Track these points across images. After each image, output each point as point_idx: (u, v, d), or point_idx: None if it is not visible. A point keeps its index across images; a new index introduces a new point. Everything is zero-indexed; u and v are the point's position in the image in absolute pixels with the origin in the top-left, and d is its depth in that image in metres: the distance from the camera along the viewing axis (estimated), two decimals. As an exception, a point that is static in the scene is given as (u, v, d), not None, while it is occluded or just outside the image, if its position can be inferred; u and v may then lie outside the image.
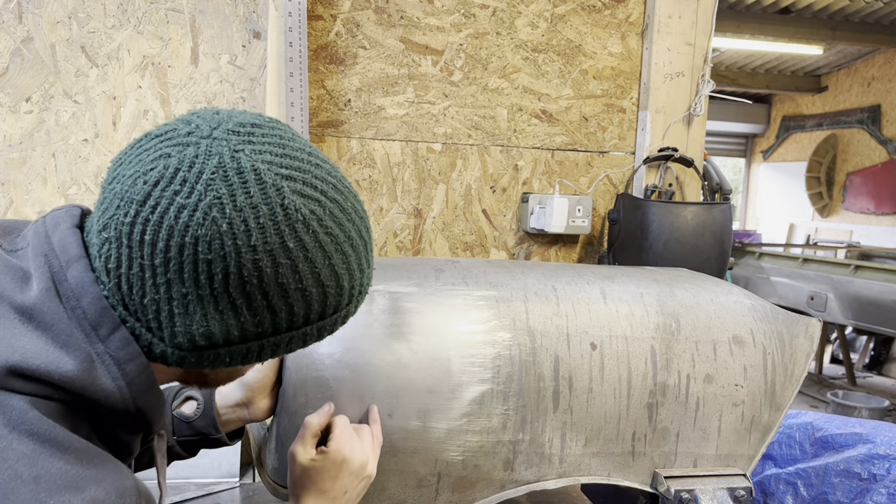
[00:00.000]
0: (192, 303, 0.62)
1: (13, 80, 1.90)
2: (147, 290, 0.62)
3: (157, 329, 0.64)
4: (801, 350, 1.25)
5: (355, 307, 0.73)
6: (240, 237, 0.61)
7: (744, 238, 9.39)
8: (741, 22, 6.99)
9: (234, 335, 0.65)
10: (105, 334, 0.63)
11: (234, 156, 0.62)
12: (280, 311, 0.65)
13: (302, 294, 0.65)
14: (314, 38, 2.05)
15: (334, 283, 0.67)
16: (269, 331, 0.66)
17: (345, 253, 0.68)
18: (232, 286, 0.62)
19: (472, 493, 1.07)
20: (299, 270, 0.64)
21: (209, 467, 1.89)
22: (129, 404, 0.64)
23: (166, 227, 0.60)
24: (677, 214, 2.14)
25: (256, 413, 1.04)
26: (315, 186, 0.65)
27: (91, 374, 0.62)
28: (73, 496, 0.57)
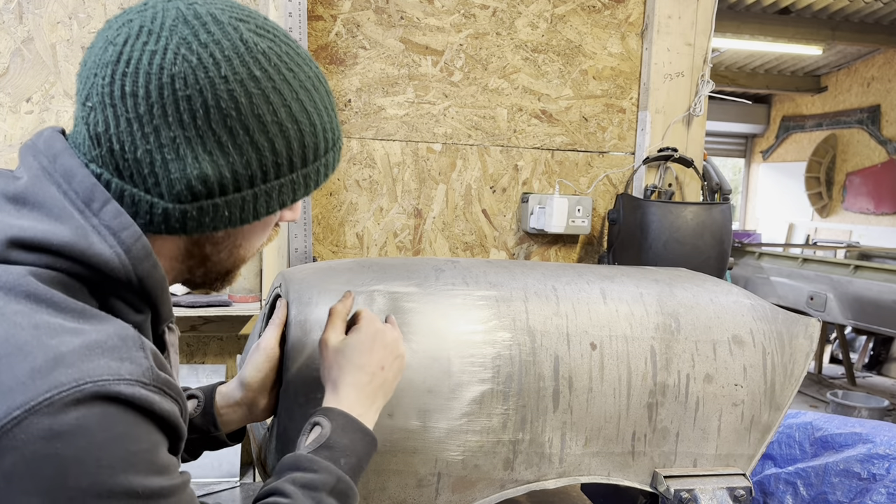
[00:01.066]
0: (181, 145, 0.66)
1: (14, 81, 1.90)
2: (138, 142, 0.65)
3: (155, 185, 0.66)
4: (800, 350, 1.25)
5: (334, 158, 0.78)
6: (210, 69, 0.65)
7: (743, 238, 9.39)
8: (741, 22, 6.99)
9: (227, 178, 0.68)
10: (97, 208, 0.65)
11: (189, 7, 0.68)
12: (263, 149, 0.69)
13: (279, 129, 0.70)
14: (314, 38, 2.05)
15: (306, 119, 0.72)
16: (258, 174, 0.70)
17: (308, 90, 0.73)
18: (213, 121, 0.66)
19: (472, 492, 1.07)
20: (271, 101, 0.69)
21: (209, 467, 1.89)
22: (129, 271, 0.65)
23: (143, 75, 0.64)
24: (677, 214, 2.14)
25: (257, 413, 1.04)
26: (267, 29, 0.71)
27: (87, 240, 0.64)
28: (74, 337, 0.58)
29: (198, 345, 2.11)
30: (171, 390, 0.63)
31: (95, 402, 0.56)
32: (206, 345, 2.12)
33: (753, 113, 11.23)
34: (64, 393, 0.55)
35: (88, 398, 0.56)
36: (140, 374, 0.59)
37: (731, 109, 10.72)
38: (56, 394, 0.55)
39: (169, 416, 0.61)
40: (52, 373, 0.56)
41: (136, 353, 0.61)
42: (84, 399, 0.56)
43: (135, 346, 0.61)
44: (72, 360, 0.57)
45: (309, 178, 0.75)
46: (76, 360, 0.57)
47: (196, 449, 1.02)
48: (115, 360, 0.59)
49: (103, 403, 0.57)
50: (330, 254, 2.13)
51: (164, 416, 0.61)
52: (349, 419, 0.84)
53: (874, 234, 9.05)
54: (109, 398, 0.57)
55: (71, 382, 0.55)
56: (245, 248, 0.78)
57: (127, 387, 0.58)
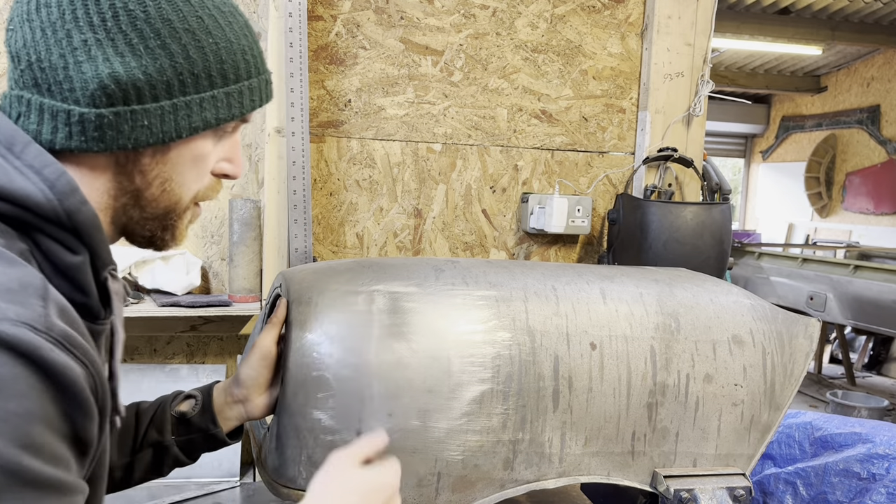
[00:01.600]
0: (92, 47, 0.67)
1: (13, 81, 1.90)
2: (52, 48, 0.67)
3: (70, 91, 0.67)
4: (800, 350, 1.25)
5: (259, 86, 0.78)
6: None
7: (743, 238, 9.40)
8: (741, 22, 6.99)
9: (140, 80, 0.68)
10: (19, 150, 0.66)
11: None
12: (176, 55, 0.70)
13: (192, 37, 0.71)
14: (314, 38, 2.05)
15: (221, 34, 0.73)
16: (174, 84, 0.70)
17: (224, 12, 0.74)
18: (123, 23, 0.68)
19: (471, 492, 1.07)
20: (181, 9, 0.70)
21: (209, 467, 1.89)
22: (56, 207, 0.65)
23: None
24: (677, 214, 2.14)
25: (253, 411, 1.04)
26: None
27: (9, 178, 0.64)
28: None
29: (198, 345, 2.11)
30: (73, 346, 0.56)
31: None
32: (206, 345, 2.12)
33: (753, 113, 11.23)
34: None
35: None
36: (29, 318, 0.54)
37: (730, 109, 10.72)
38: None
39: (62, 370, 0.53)
40: None
41: (33, 300, 0.56)
42: None
43: (34, 294, 0.57)
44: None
45: (232, 97, 0.75)
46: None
47: (195, 449, 1.02)
48: (3, 301, 0.54)
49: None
50: (330, 254, 2.13)
51: (56, 370, 0.53)
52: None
53: (874, 234, 9.05)
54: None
55: None
56: (178, 182, 0.76)
57: (11, 326, 0.52)
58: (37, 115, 0.68)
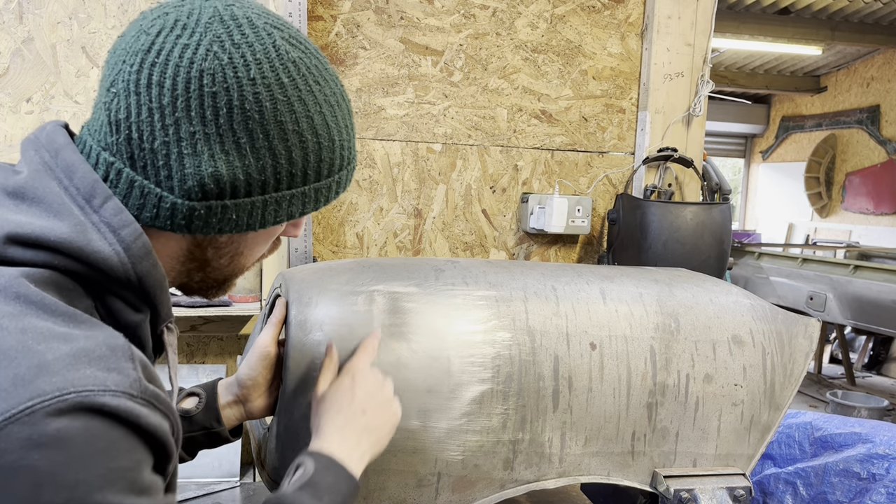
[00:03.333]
0: (199, 141, 0.65)
1: (14, 81, 1.90)
2: (157, 133, 0.65)
3: (167, 178, 0.66)
4: (800, 350, 1.25)
5: (346, 177, 0.78)
6: (240, 69, 0.66)
7: (743, 238, 9.39)
8: (740, 22, 6.99)
9: (240, 180, 0.67)
10: (98, 204, 0.64)
11: (227, 8, 0.69)
12: (280, 157, 0.69)
13: (299, 138, 0.70)
14: (314, 38, 2.05)
15: (326, 133, 0.72)
16: (271, 182, 0.69)
17: (332, 105, 0.73)
18: (235, 121, 0.66)
19: (471, 492, 1.07)
20: (295, 110, 0.69)
21: (209, 467, 1.89)
22: (129, 270, 0.65)
23: (172, 66, 0.65)
24: (677, 214, 2.14)
25: (253, 410, 1.05)
26: (300, 40, 0.72)
27: (86, 237, 0.63)
28: (62, 344, 0.56)
29: (198, 345, 2.11)
30: (160, 404, 0.60)
31: (78, 414, 0.54)
32: (206, 345, 2.12)
33: (753, 113, 11.23)
34: (46, 402, 0.53)
35: (71, 409, 0.53)
36: (127, 386, 0.57)
37: (730, 109, 10.72)
38: (38, 403, 0.53)
39: (156, 430, 0.59)
40: (35, 381, 0.53)
41: (125, 364, 0.58)
42: (66, 410, 0.53)
43: (124, 357, 0.59)
44: (57, 369, 0.54)
45: (320, 192, 0.74)
46: (61, 368, 0.55)
47: (196, 447, 1.03)
48: (101, 371, 0.56)
49: (86, 415, 0.54)
50: (330, 254, 2.13)
51: (151, 431, 0.58)
52: (331, 461, 0.84)
53: (874, 234, 9.05)
54: (93, 410, 0.54)
55: (54, 391, 0.53)
56: (246, 256, 0.78)
57: (112, 398, 0.55)
58: (125, 187, 0.66)
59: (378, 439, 0.91)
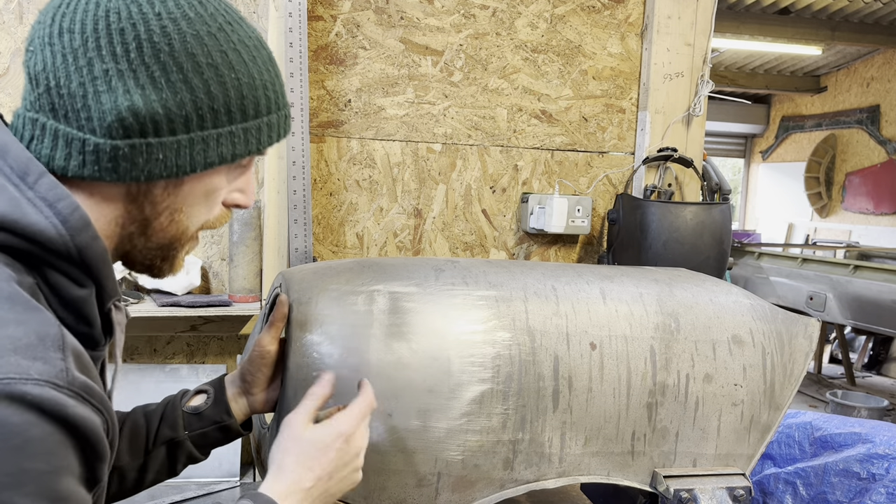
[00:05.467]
0: (113, 77, 0.66)
1: (14, 81, 1.90)
2: (72, 76, 0.66)
3: (87, 119, 0.66)
4: (800, 350, 1.25)
5: (278, 121, 0.77)
6: (144, 5, 0.67)
7: (743, 238, 9.39)
8: (740, 22, 6.99)
9: (159, 114, 0.67)
10: (32, 181, 0.64)
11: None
12: (198, 90, 0.68)
13: (215, 72, 0.69)
14: (314, 38, 2.05)
15: (244, 69, 0.72)
16: (193, 118, 0.69)
17: (248, 46, 0.73)
18: (146, 55, 0.66)
19: (471, 492, 1.07)
20: (206, 44, 0.69)
21: (209, 467, 1.89)
22: (67, 242, 0.64)
23: (81, 11, 0.66)
24: (676, 214, 2.14)
25: (255, 404, 1.05)
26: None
27: (21, 210, 0.63)
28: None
29: (198, 345, 2.11)
30: (91, 397, 0.58)
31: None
32: (206, 345, 2.12)
33: (753, 113, 11.23)
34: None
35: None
36: (53, 375, 0.55)
37: (730, 109, 10.72)
38: None
39: (84, 423, 0.56)
40: None
41: (53, 354, 0.56)
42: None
43: (53, 346, 0.57)
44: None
45: (250, 133, 0.73)
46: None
47: (208, 443, 1.02)
48: (25, 359, 0.54)
49: (7, 405, 0.52)
50: (330, 254, 2.13)
51: (78, 424, 0.55)
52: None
53: (873, 234, 9.05)
54: (14, 398, 0.52)
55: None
56: (186, 214, 0.75)
57: (35, 387, 0.53)
58: (50, 141, 0.67)
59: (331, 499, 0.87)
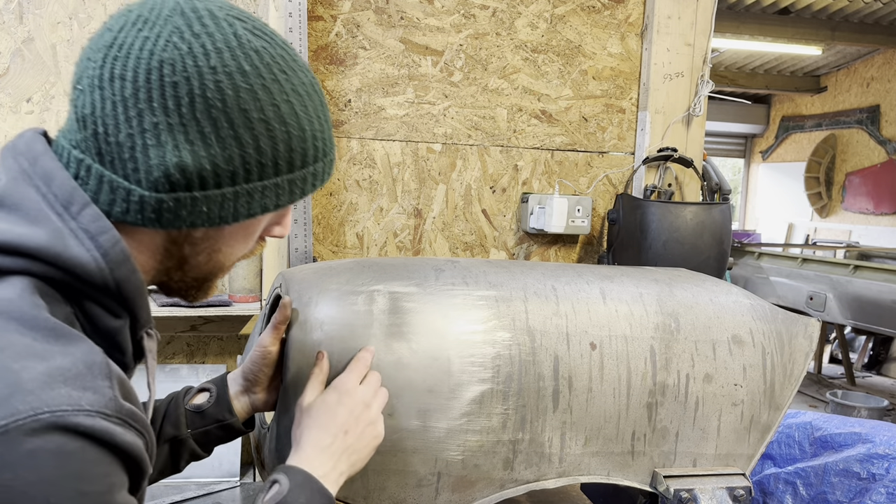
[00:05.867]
0: (163, 132, 0.65)
1: (14, 81, 1.90)
2: (121, 126, 0.65)
3: (134, 171, 0.65)
4: (800, 350, 1.25)
5: (323, 169, 0.76)
6: (199, 59, 0.65)
7: (743, 238, 9.39)
8: (740, 22, 6.99)
9: (207, 171, 0.66)
10: (76, 211, 0.64)
11: (188, 1, 0.68)
12: (247, 146, 0.68)
13: (266, 127, 0.68)
14: (314, 38, 2.05)
15: (295, 122, 0.71)
16: (240, 172, 0.68)
17: (301, 95, 0.72)
18: (198, 110, 0.65)
19: (471, 492, 1.07)
20: (259, 98, 0.68)
21: (209, 467, 1.89)
22: (107, 276, 0.64)
23: (133, 59, 0.65)
24: (676, 214, 2.14)
25: (257, 403, 1.05)
26: (265, 32, 0.71)
27: (63, 243, 0.63)
28: (38, 363, 0.56)
29: (198, 345, 2.11)
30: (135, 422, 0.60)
31: (52, 433, 0.54)
32: (206, 345, 2.12)
33: (753, 113, 11.23)
34: (20, 421, 0.53)
35: (45, 428, 0.53)
36: (102, 405, 0.57)
37: (730, 109, 10.72)
38: (11, 422, 0.53)
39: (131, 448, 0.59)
40: (9, 399, 0.54)
41: (101, 382, 0.58)
42: (40, 429, 0.53)
43: (100, 374, 0.59)
44: (31, 388, 0.54)
45: (294, 184, 0.73)
46: (36, 387, 0.55)
47: (211, 441, 1.03)
48: (77, 390, 0.56)
49: (60, 435, 0.54)
50: (330, 254, 2.13)
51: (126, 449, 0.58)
52: (307, 477, 0.83)
53: (874, 234, 9.05)
54: (68, 429, 0.55)
55: (28, 411, 0.53)
56: (225, 253, 0.76)
57: (87, 418, 0.56)
58: (95, 184, 0.66)
59: (358, 459, 0.90)
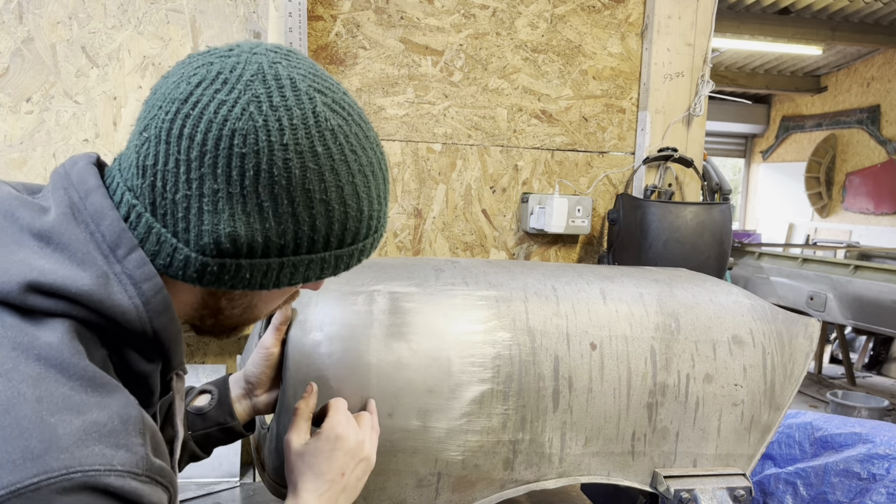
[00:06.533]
0: (221, 200, 0.64)
1: (14, 81, 1.90)
2: (180, 185, 0.64)
3: (184, 231, 0.65)
4: (800, 350, 1.25)
5: (371, 244, 0.75)
6: (273, 134, 0.64)
7: (743, 238, 9.39)
8: (741, 22, 6.99)
9: (258, 242, 0.66)
10: (123, 255, 0.64)
11: (273, 66, 0.66)
12: (303, 224, 0.67)
13: (325, 207, 0.67)
14: (314, 38, 2.05)
15: (355, 203, 0.69)
16: (290, 246, 0.67)
17: (366, 175, 0.70)
18: (261, 185, 0.64)
19: (472, 492, 1.07)
20: (325, 179, 0.66)
21: (209, 467, 1.89)
22: (146, 324, 0.65)
23: (205, 121, 0.63)
24: (677, 214, 2.14)
25: (259, 405, 1.06)
26: (343, 106, 0.69)
27: (107, 290, 0.62)
28: (75, 417, 0.57)
29: (198, 345, 2.11)
30: (162, 478, 0.61)
31: (83, 493, 0.55)
32: (206, 345, 2.12)
33: (753, 113, 11.23)
34: (52, 480, 0.53)
35: (76, 488, 0.54)
36: (133, 465, 0.58)
37: (731, 109, 10.72)
38: (44, 479, 0.53)
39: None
40: (44, 456, 0.54)
41: (134, 440, 0.59)
42: (72, 489, 0.54)
43: (134, 431, 0.60)
44: (66, 445, 0.55)
45: (341, 259, 0.72)
46: (70, 444, 0.55)
47: (211, 443, 1.03)
48: (110, 448, 0.57)
49: (91, 495, 0.55)
50: (330, 254, 2.13)
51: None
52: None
53: (874, 234, 9.05)
54: (98, 489, 0.55)
55: (61, 469, 0.54)
56: (260, 308, 0.77)
57: (117, 479, 0.57)
58: (144, 231, 0.66)
59: (354, 494, 0.92)
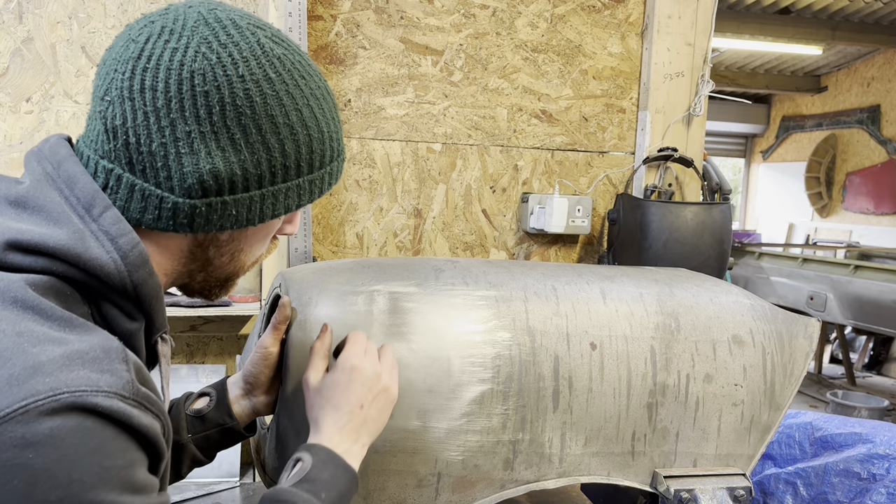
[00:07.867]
0: (196, 139, 0.67)
1: (13, 80, 1.90)
2: (153, 135, 0.67)
3: (167, 179, 0.68)
4: (800, 350, 1.25)
5: (337, 168, 0.80)
6: (228, 68, 0.68)
7: (743, 238, 9.39)
8: (741, 22, 6.99)
9: (238, 176, 0.69)
10: (98, 213, 0.66)
11: (211, 11, 0.71)
12: (274, 150, 0.71)
13: (290, 131, 0.72)
14: (314, 38, 2.05)
15: (315, 125, 0.75)
16: (266, 176, 0.72)
17: (318, 98, 0.75)
18: (228, 118, 0.68)
19: (472, 492, 1.07)
20: (284, 104, 0.71)
21: (209, 467, 1.89)
22: (125, 278, 0.66)
23: (164, 70, 0.67)
24: (677, 214, 2.14)
25: (258, 406, 1.05)
26: (281, 38, 0.75)
27: (84, 244, 0.64)
28: (56, 347, 0.58)
29: (198, 345, 2.11)
30: (151, 406, 0.62)
31: (71, 413, 0.55)
32: (206, 345, 2.12)
33: (753, 113, 11.23)
34: (39, 402, 0.54)
35: (64, 408, 0.55)
36: (120, 387, 0.59)
37: (731, 109, 10.72)
38: (31, 402, 0.54)
39: (147, 431, 0.60)
40: (28, 381, 0.55)
41: (118, 366, 0.60)
42: (60, 409, 0.55)
43: (117, 359, 0.61)
44: (50, 369, 0.56)
45: (314, 184, 0.77)
46: (55, 369, 0.56)
47: (212, 446, 1.03)
48: (95, 372, 0.58)
49: (79, 415, 0.55)
50: (330, 254, 2.13)
51: (143, 431, 0.60)
52: (330, 454, 0.85)
53: (874, 234, 9.05)
54: (86, 409, 0.56)
55: (47, 391, 0.55)
56: (247, 252, 0.79)
57: (105, 399, 0.57)
58: (126, 192, 0.68)
59: (377, 426, 0.92)
